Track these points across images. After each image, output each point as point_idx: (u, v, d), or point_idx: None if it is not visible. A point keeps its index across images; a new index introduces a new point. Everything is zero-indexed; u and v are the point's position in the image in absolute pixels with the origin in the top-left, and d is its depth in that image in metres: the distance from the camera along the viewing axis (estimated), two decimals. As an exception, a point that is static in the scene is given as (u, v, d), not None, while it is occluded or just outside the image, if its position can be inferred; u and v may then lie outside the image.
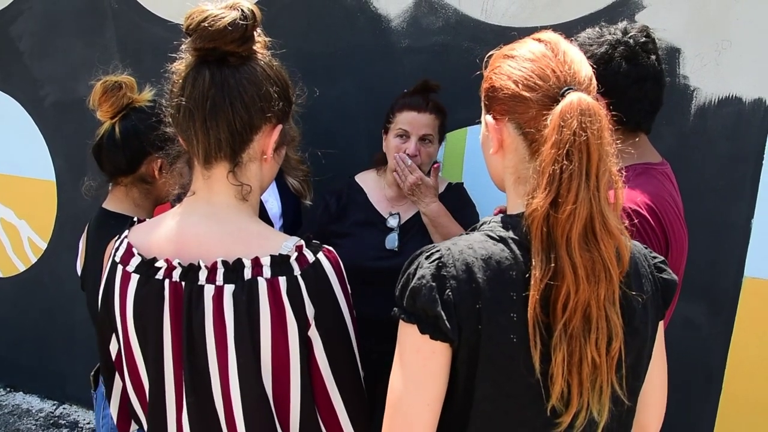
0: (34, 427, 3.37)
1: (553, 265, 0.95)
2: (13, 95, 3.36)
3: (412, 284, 1.00)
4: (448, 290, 0.97)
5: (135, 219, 1.24)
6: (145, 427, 1.23)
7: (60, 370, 3.58)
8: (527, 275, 0.97)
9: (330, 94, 2.63)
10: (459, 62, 2.37)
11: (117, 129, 1.71)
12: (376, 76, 2.54)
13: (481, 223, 1.08)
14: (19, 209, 3.48)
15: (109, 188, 1.84)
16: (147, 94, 1.78)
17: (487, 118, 1.09)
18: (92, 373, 1.92)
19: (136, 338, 1.15)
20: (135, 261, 1.14)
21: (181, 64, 1.14)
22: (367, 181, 2.26)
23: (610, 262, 0.96)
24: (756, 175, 2.14)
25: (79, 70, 3.11)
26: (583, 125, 0.94)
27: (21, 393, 3.68)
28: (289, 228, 2.34)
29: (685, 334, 2.29)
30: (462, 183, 2.26)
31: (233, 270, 1.08)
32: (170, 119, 1.17)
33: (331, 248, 1.15)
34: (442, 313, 0.96)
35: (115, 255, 1.18)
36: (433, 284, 0.97)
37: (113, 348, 1.25)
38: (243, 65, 1.11)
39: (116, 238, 1.23)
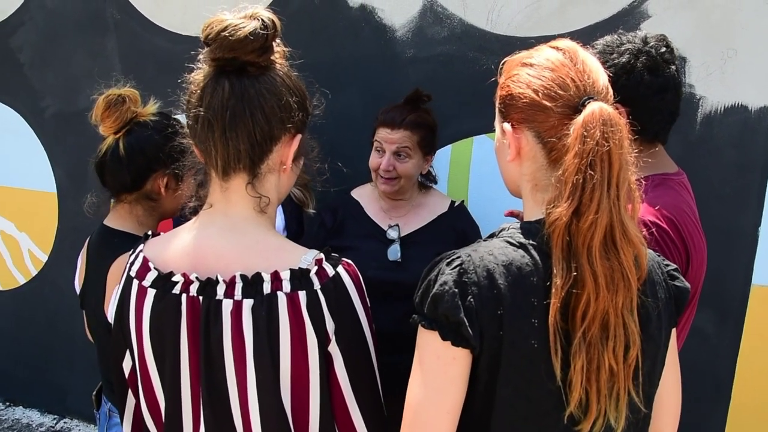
0: (34, 442, 3.33)
1: (574, 273, 0.95)
2: (13, 106, 3.33)
3: (434, 290, 0.99)
4: (470, 297, 0.97)
5: (149, 233, 1.21)
6: None
7: (60, 383, 3.53)
8: (548, 282, 0.97)
9: (335, 105, 2.59)
10: (464, 72, 2.36)
11: (121, 145, 1.64)
12: (381, 87, 2.53)
13: (500, 229, 1.08)
14: (20, 222, 3.44)
15: (111, 204, 1.77)
16: (151, 108, 1.72)
17: (504, 126, 1.08)
18: (94, 392, 1.87)
19: (152, 354, 1.12)
20: (151, 276, 1.11)
21: (199, 74, 1.12)
22: (363, 194, 2.24)
23: (629, 270, 0.96)
24: (763, 182, 2.13)
25: (81, 81, 3.08)
26: (606, 135, 0.94)
27: (21, 407, 3.63)
28: (293, 238, 2.31)
29: (693, 343, 2.26)
30: (463, 201, 2.25)
31: (252, 284, 1.05)
32: (188, 130, 1.15)
33: (350, 261, 1.13)
34: (465, 320, 0.96)
35: (130, 270, 1.15)
36: (456, 290, 0.97)
37: (127, 365, 1.23)
38: (262, 75, 1.10)
39: (130, 252, 1.21)
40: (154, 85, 1.95)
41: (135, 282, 1.13)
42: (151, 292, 1.10)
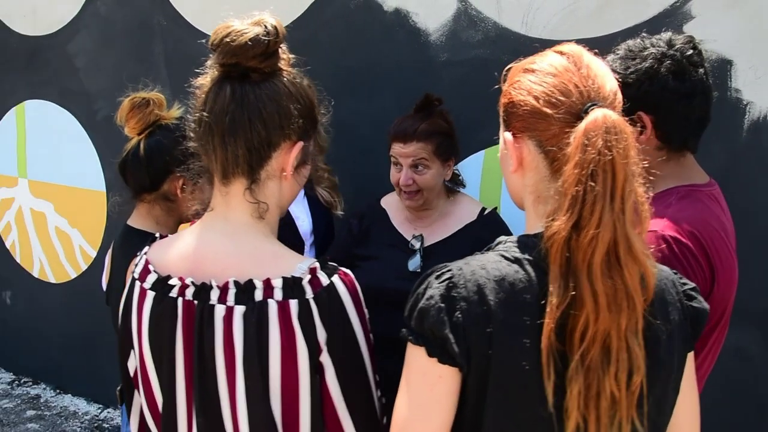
0: (78, 430, 3.44)
1: (572, 292, 0.88)
2: (69, 109, 3.46)
3: (421, 305, 0.95)
4: (458, 312, 0.92)
5: (157, 235, 1.22)
6: None
7: (106, 374, 3.64)
8: (543, 300, 0.90)
9: (369, 109, 2.60)
10: (499, 76, 2.29)
11: (142, 146, 1.71)
12: (414, 91, 2.48)
13: (496, 242, 1.03)
14: (72, 218, 3.58)
15: (135, 205, 1.83)
16: (175, 112, 1.77)
17: (505, 135, 1.03)
18: (119, 388, 1.92)
19: (150, 355, 1.13)
20: (151, 278, 1.12)
21: (205, 79, 1.13)
22: (391, 203, 2.19)
23: (634, 290, 0.89)
24: (815, 195, 1.99)
25: (129, 85, 3.18)
26: (609, 144, 0.88)
27: (69, 395, 3.77)
28: (320, 244, 2.30)
29: (735, 364, 2.13)
30: (496, 208, 2.18)
31: (244, 291, 1.04)
32: (191, 134, 1.16)
33: (348, 271, 1.10)
34: (450, 336, 0.91)
35: (134, 271, 1.16)
36: (442, 305, 0.92)
37: (131, 364, 1.24)
38: (264, 81, 1.09)
39: (138, 254, 1.22)
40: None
41: (137, 283, 1.14)
42: (150, 295, 1.11)
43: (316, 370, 1.05)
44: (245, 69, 1.08)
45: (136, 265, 1.17)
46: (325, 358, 1.05)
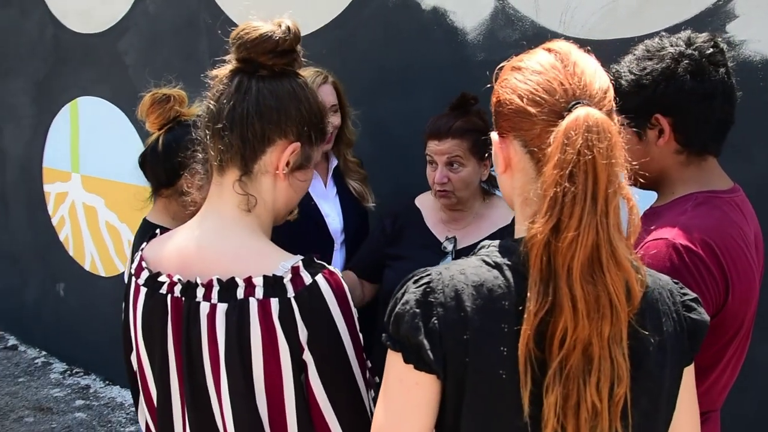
0: (123, 420, 3.56)
1: (550, 297, 0.86)
2: (119, 106, 3.58)
3: (397, 309, 0.94)
4: (434, 318, 0.91)
5: (157, 231, 1.25)
6: None
7: (151, 366, 3.75)
8: (521, 307, 0.88)
9: (405, 108, 2.60)
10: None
11: (161, 141, 1.75)
12: (451, 90, 2.46)
13: (479, 246, 1.01)
14: (122, 213, 3.69)
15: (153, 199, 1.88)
16: (196, 109, 1.79)
17: (492, 135, 1.02)
18: None
19: (145, 351, 1.16)
20: (144, 274, 1.15)
21: (220, 71, 1.16)
22: (426, 203, 2.18)
23: (617, 297, 0.86)
24: None
25: (176, 82, 3.26)
26: (589, 143, 0.85)
27: (117, 387, 3.89)
28: (351, 242, 2.31)
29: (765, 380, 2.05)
30: None
31: (227, 289, 1.06)
32: (199, 122, 1.19)
33: (334, 270, 1.11)
34: (425, 343, 0.89)
35: (131, 267, 1.20)
36: (417, 311, 0.91)
37: (134, 359, 1.27)
38: (273, 79, 1.12)
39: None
40: None
41: (133, 279, 1.17)
42: (143, 291, 1.14)
43: (300, 368, 1.06)
44: (258, 65, 1.11)
45: (133, 261, 1.20)
46: (307, 357, 1.05)
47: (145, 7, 3.35)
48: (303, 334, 1.04)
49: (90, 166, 3.78)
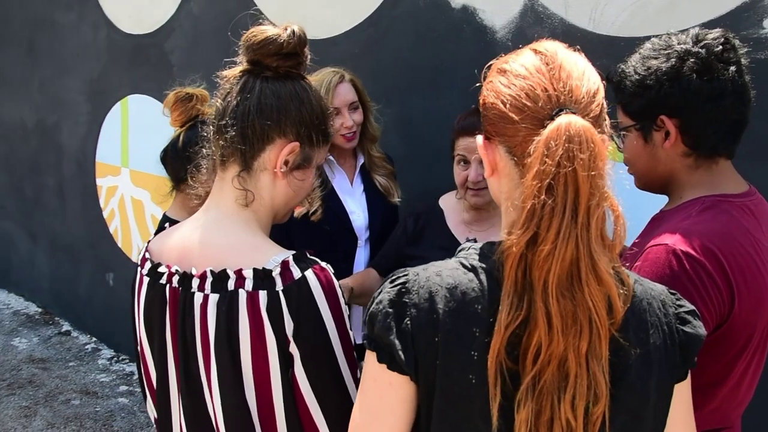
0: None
1: (524, 311, 0.82)
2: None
3: (371, 308, 0.92)
4: (407, 319, 0.88)
5: (166, 225, 1.27)
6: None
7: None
8: (493, 317, 0.85)
9: (435, 108, 2.57)
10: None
11: (181, 138, 1.79)
12: (480, 89, 2.43)
13: (460, 248, 0.98)
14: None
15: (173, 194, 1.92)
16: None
17: (477, 138, 0.98)
18: None
19: (146, 339, 1.18)
20: (147, 265, 1.17)
21: (231, 72, 1.19)
22: (449, 203, 2.13)
23: (596, 312, 0.82)
24: None
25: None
26: (570, 154, 0.81)
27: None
28: (376, 239, 2.30)
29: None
30: None
31: (219, 280, 1.07)
32: (208, 119, 1.22)
33: (325, 266, 1.10)
34: (396, 343, 0.87)
35: (139, 258, 1.22)
36: (390, 310, 0.89)
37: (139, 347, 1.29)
38: (277, 80, 1.14)
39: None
40: None
41: (138, 269, 1.20)
42: (146, 281, 1.16)
43: (288, 361, 1.06)
44: (264, 66, 1.14)
45: (141, 253, 1.23)
46: (294, 350, 1.05)
47: (189, 8, 3.42)
48: (289, 326, 1.04)
49: (138, 161, 3.88)
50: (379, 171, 2.33)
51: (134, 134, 3.88)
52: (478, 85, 1.01)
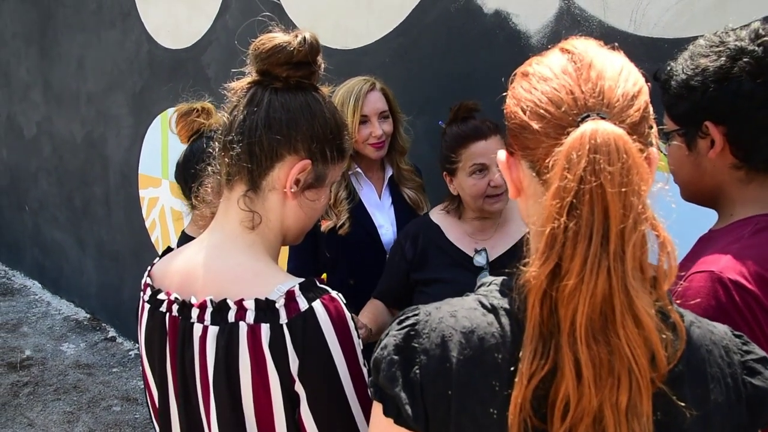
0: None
1: (550, 358, 0.66)
2: (203, 116, 3.58)
3: (375, 354, 0.76)
4: (416, 367, 0.72)
5: (172, 246, 1.15)
6: None
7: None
8: (513, 367, 0.68)
9: (467, 116, 2.40)
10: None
11: (183, 153, 1.69)
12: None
13: (479, 283, 0.80)
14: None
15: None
16: (217, 119, 1.72)
17: (499, 154, 0.82)
18: None
19: (149, 368, 1.06)
20: (148, 291, 1.05)
21: (239, 83, 1.07)
22: (442, 218, 1.91)
23: (635, 361, 0.65)
24: None
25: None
26: (596, 167, 0.64)
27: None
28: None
29: None
30: None
31: (219, 310, 0.93)
32: (215, 135, 1.09)
33: (336, 296, 0.95)
34: (402, 395, 0.71)
35: (142, 282, 1.10)
36: (395, 357, 0.73)
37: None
38: (288, 92, 1.00)
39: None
40: None
41: (141, 295, 1.07)
42: (146, 307, 1.04)
43: (293, 402, 0.91)
44: (274, 77, 1.01)
45: (144, 277, 1.10)
46: (299, 388, 0.90)
47: (224, 22, 3.33)
48: (294, 364, 0.90)
49: (177, 172, 3.82)
50: (408, 184, 2.17)
51: (174, 147, 3.81)
52: (504, 94, 0.85)
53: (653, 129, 0.75)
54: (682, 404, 0.68)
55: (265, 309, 0.91)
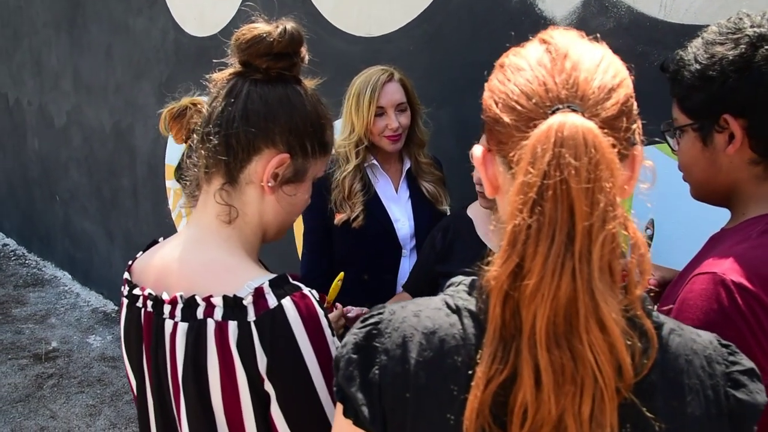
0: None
1: (508, 363, 0.66)
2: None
3: (336, 352, 0.78)
4: (375, 368, 0.73)
5: (159, 239, 1.19)
6: None
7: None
8: (471, 371, 0.69)
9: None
10: (632, 70, 1.98)
11: (183, 153, 1.72)
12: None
13: (449, 282, 0.81)
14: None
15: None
16: None
17: (474, 149, 0.82)
18: None
19: (128, 361, 1.11)
20: (127, 286, 1.10)
21: (220, 75, 1.10)
22: (478, 211, 1.94)
23: (600, 368, 0.64)
24: None
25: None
26: (561, 161, 0.64)
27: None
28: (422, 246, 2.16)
29: None
30: None
31: (189, 306, 0.97)
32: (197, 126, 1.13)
33: (308, 293, 0.97)
34: (359, 396, 0.73)
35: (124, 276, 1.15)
36: (354, 356, 0.74)
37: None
38: (266, 84, 1.03)
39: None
40: (332, 85, 1.93)
41: (122, 289, 1.12)
42: (125, 302, 1.09)
43: (262, 401, 0.94)
44: (255, 68, 1.04)
45: (124, 272, 1.15)
46: (269, 387, 0.93)
47: (247, 10, 3.40)
48: (262, 362, 0.92)
49: (202, 164, 3.92)
50: (427, 177, 2.19)
51: (199, 137, 3.91)
52: None
53: (634, 125, 0.74)
54: (652, 417, 0.68)
55: (233, 306, 0.93)
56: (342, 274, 1.83)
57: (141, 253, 1.16)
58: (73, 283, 5.62)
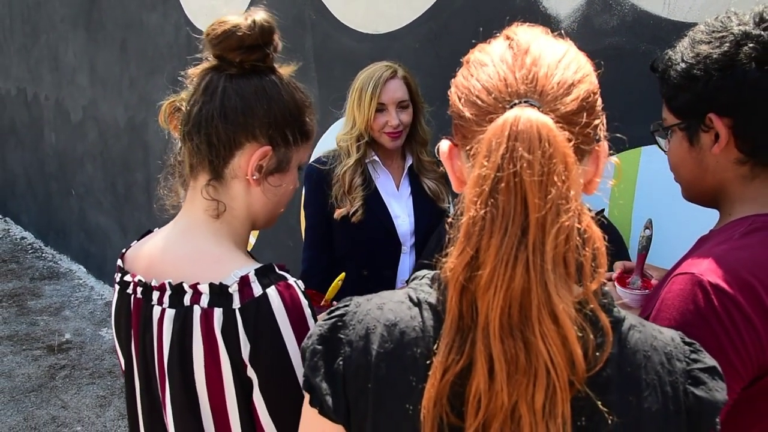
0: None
1: (465, 353, 0.69)
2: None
3: (302, 343, 0.81)
4: (340, 359, 0.77)
5: (154, 229, 1.23)
6: None
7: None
8: (429, 361, 0.72)
9: (496, 104, 2.42)
10: (635, 68, 1.99)
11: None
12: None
13: (413, 276, 0.84)
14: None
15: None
16: None
17: (441, 143, 0.84)
18: None
19: (118, 346, 1.16)
20: (119, 273, 1.14)
21: (195, 70, 1.12)
22: None
23: (552, 360, 0.66)
24: None
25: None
26: (515, 154, 0.66)
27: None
28: (423, 243, 2.18)
29: None
30: (603, 210, 1.87)
31: (176, 293, 1.01)
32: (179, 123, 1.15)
33: (293, 283, 1.01)
34: (324, 386, 0.76)
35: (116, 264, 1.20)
36: (319, 347, 0.78)
37: None
38: (242, 77, 1.05)
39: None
40: (339, 82, 1.96)
41: (115, 275, 1.16)
42: (116, 288, 1.14)
43: (245, 387, 0.98)
44: (229, 62, 1.05)
45: (118, 259, 1.19)
46: (251, 374, 0.97)
47: (258, 5, 3.44)
48: (245, 349, 0.97)
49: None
50: (428, 174, 2.21)
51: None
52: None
53: (596, 122, 0.76)
54: (606, 410, 0.70)
55: (219, 293, 0.98)
56: (343, 274, 1.86)
57: (135, 241, 1.21)
58: (88, 277, 5.73)
